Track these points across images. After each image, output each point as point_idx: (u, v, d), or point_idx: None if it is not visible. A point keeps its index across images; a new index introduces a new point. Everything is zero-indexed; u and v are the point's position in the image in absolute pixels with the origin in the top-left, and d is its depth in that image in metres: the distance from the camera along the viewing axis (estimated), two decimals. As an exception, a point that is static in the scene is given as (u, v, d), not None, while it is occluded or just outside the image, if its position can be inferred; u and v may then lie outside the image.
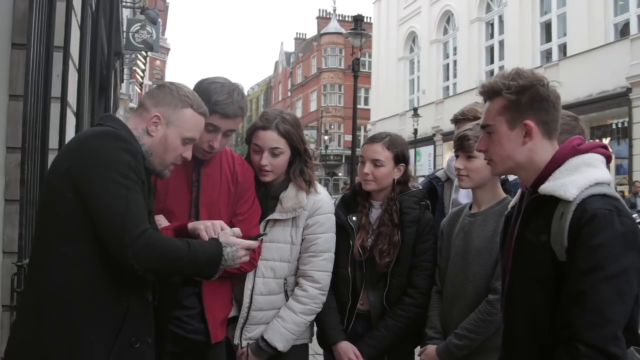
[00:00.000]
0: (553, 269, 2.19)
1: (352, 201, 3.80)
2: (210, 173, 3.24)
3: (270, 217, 3.48)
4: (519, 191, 2.54)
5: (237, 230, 2.70)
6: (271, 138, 3.42)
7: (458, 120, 4.15)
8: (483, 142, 2.46)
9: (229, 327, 3.46)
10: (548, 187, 2.26)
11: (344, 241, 3.65)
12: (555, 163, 2.30)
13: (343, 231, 3.66)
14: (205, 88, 3.09)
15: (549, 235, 2.21)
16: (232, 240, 2.60)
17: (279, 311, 3.50)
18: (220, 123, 3.10)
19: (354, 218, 3.71)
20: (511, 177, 3.81)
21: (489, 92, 2.41)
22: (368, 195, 3.74)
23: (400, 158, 3.68)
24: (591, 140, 2.68)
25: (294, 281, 3.57)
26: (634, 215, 2.41)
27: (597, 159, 2.31)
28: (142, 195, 2.42)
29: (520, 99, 2.32)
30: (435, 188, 4.18)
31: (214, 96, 3.07)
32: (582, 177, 2.21)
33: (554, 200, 2.22)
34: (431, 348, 3.41)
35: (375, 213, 3.73)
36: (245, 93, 3.40)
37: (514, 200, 2.59)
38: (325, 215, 3.58)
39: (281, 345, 3.43)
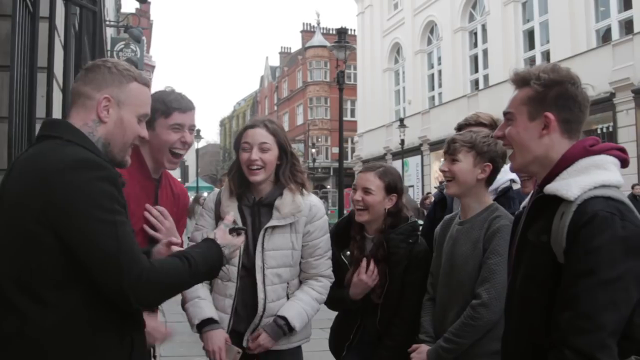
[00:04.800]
0: (552, 270, 2.14)
1: (344, 232, 3.86)
2: (161, 195, 3.33)
3: (269, 224, 3.50)
4: (532, 191, 2.51)
5: (229, 217, 2.75)
6: (260, 134, 3.51)
7: (461, 127, 4.18)
8: (501, 128, 2.43)
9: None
10: (552, 186, 2.22)
11: (339, 274, 3.73)
12: (565, 163, 2.25)
13: (338, 267, 3.74)
14: (155, 97, 3.11)
15: (549, 235, 2.17)
16: (229, 240, 2.56)
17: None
18: (182, 118, 3.23)
19: (347, 253, 3.79)
20: (515, 186, 3.82)
21: (520, 81, 2.38)
22: (362, 227, 3.79)
23: (392, 188, 3.73)
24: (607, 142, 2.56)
25: (296, 284, 3.62)
26: None
27: (609, 161, 2.25)
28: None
29: (547, 92, 2.28)
30: (445, 198, 4.20)
31: (167, 98, 3.23)
32: (588, 178, 2.17)
33: (558, 200, 2.18)
34: (424, 348, 3.44)
35: (369, 245, 3.77)
36: (232, 108, 3.52)
37: (526, 200, 2.53)
38: (322, 220, 3.65)
39: (298, 324, 3.46)
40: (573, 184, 2.16)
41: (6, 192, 2.21)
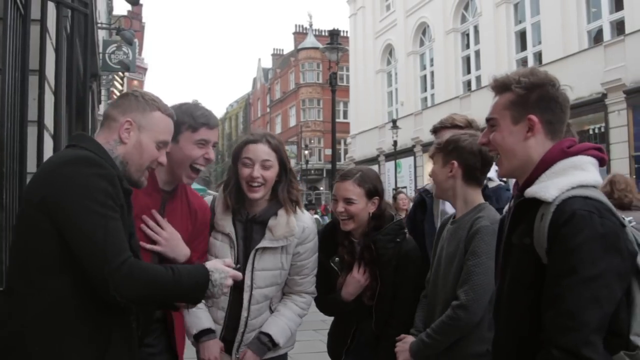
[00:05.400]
0: (538, 272, 2.17)
1: (330, 238, 3.83)
2: (173, 208, 3.25)
3: (261, 245, 3.47)
4: (513, 195, 2.52)
5: (228, 260, 2.69)
6: (262, 150, 3.45)
7: (437, 129, 4.21)
8: (485, 135, 2.45)
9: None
10: (532, 190, 2.24)
11: (331, 281, 3.74)
12: (543, 166, 2.29)
13: (328, 274, 3.74)
14: (182, 110, 3.16)
15: (532, 238, 2.20)
16: (221, 266, 2.55)
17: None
18: (208, 135, 3.19)
19: (337, 259, 3.77)
20: (491, 184, 3.84)
21: (500, 87, 2.41)
22: (348, 232, 3.75)
23: (373, 192, 3.69)
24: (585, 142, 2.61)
25: (278, 297, 3.62)
26: (629, 218, 2.30)
27: (587, 161, 2.28)
28: (122, 220, 2.36)
29: (529, 95, 2.32)
30: (425, 200, 4.22)
31: (195, 112, 3.18)
32: (565, 179, 2.20)
33: (538, 203, 2.20)
34: (409, 339, 3.46)
35: (358, 249, 3.75)
36: (224, 110, 3.50)
37: (509, 204, 2.55)
38: (313, 241, 3.64)
39: (282, 340, 3.49)
40: (551, 186, 2.20)
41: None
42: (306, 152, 54.52)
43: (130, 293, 2.28)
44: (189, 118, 3.13)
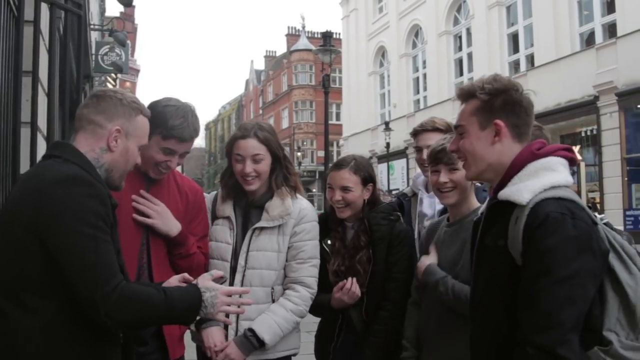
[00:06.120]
0: (512, 273, 2.22)
1: (324, 224, 3.84)
2: (160, 190, 3.30)
3: (257, 225, 3.51)
4: (488, 197, 2.57)
5: (215, 271, 2.69)
6: (251, 145, 3.48)
7: (417, 132, 4.23)
8: (454, 142, 2.52)
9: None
10: (505, 192, 2.30)
11: (323, 265, 3.71)
12: (515, 168, 2.34)
13: (320, 256, 3.71)
14: (160, 112, 3.15)
15: (506, 240, 2.25)
16: (211, 284, 2.55)
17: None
18: (177, 146, 3.22)
19: (329, 242, 3.79)
20: None
21: (465, 94, 2.49)
22: (341, 219, 3.79)
23: (368, 179, 3.76)
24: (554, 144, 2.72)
25: (280, 290, 3.56)
26: (601, 216, 2.37)
27: (557, 162, 2.34)
28: (112, 238, 2.34)
29: (494, 101, 2.38)
30: (403, 204, 4.26)
31: (170, 120, 3.16)
32: (538, 181, 2.25)
33: (512, 205, 2.25)
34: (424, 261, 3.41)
35: (350, 234, 3.79)
36: (217, 112, 3.47)
37: (483, 207, 2.62)
38: (311, 223, 3.63)
39: (268, 337, 3.38)
40: (523, 189, 2.25)
41: (7, 204, 2.42)
42: (299, 154, 54.53)
43: (121, 319, 2.28)
44: (162, 122, 3.12)
